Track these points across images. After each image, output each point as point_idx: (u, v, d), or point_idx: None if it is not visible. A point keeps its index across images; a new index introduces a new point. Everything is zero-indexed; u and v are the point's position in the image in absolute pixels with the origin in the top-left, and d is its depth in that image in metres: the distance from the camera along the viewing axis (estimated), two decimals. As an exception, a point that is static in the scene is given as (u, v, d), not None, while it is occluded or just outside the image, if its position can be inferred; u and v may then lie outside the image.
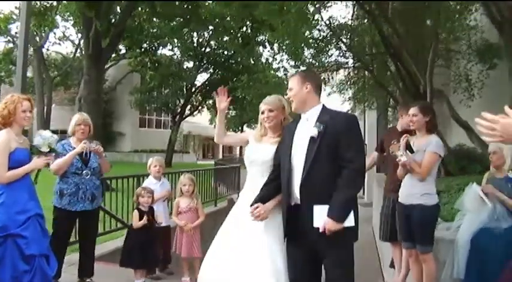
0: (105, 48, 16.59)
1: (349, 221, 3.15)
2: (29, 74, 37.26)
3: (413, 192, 4.48)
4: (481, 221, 4.51)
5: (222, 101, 4.03)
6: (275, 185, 3.52)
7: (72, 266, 5.40)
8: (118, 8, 18.69)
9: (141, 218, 5.30)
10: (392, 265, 5.82)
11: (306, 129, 3.35)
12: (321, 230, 3.12)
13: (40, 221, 4.08)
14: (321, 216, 3.15)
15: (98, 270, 5.43)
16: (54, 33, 32.98)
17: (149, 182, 6.03)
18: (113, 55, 25.01)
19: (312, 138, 3.26)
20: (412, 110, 4.60)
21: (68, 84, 37.04)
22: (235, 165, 15.91)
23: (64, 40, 34.83)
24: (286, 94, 3.92)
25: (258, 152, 3.91)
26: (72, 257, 5.52)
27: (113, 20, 17.35)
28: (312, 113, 3.43)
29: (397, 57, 12.04)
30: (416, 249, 4.53)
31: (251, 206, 3.51)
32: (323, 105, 3.49)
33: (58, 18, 28.55)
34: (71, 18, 26.78)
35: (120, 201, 7.63)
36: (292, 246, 3.44)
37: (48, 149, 4.25)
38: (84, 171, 5.04)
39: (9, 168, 4.00)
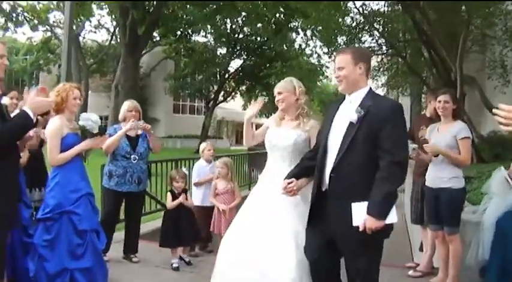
0: (141, 36, 17.08)
1: (392, 218, 2.92)
2: (66, 61, 38.31)
3: (442, 175, 4.66)
4: (506, 205, 4.65)
5: (251, 109, 4.22)
6: (310, 165, 3.37)
7: (117, 243, 5.76)
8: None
9: (174, 200, 5.61)
10: (421, 248, 5.99)
11: (347, 113, 3.13)
12: (360, 229, 2.89)
13: (90, 199, 4.43)
14: (360, 214, 2.92)
15: (141, 248, 5.80)
16: (90, 22, 33.75)
17: (200, 165, 6.40)
18: (147, 42, 25.51)
19: (351, 123, 3.05)
20: (444, 97, 4.75)
21: (103, 71, 37.93)
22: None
23: (100, 28, 35.59)
24: (320, 80, 4.10)
25: (278, 136, 3.99)
26: (117, 235, 5.88)
27: (148, 9, 17.72)
28: (356, 95, 3.18)
29: (429, 44, 12.02)
30: (444, 230, 4.72)
31: (285, 179, 3.41)
32: (370, 88, 3.24)
33: (93, 6, 29.25)
34: (106, 6, 27.40)
35: (160, 184, 7.98)
36: (312, 229, 3.29)
37: (97, 131, 4.60)
38: (132, 156, 5.38)
39: (61, 152, 4.34)
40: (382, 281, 3.11)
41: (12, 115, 3.38)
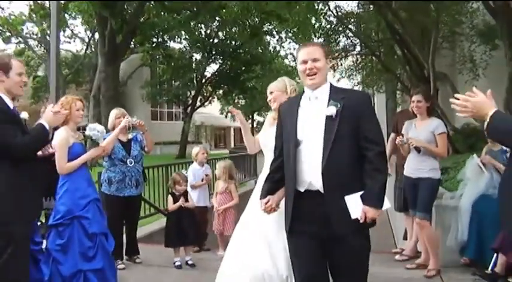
0: (120, 45, 17.25)
1: (386, 204, 3.01)
2: (40, 73, 38.11)
3: (422, 167, 5.10)
4: (480, 189, 5.12)
5: (240, 121, 4.30)
6: (280, 176, 3.23)
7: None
8: (125, 5, 19.16)
9: (175, 202, 5.90)
10: (405, 237, 6.40)
11: (317, 109, 3.04)
12: (361, 221, 2.88)
13: (98, 204, 4.71)
14: (356, 206, 2.91)
15: (141, 250, 6.06)
16: (64, 32, 33.54)
17: (194, 168, 6.72)
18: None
19: (329, 117, 2.96)
20: (417, 97, 5.21)
21: (79, 82, 37.73)
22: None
23: (74, 38, 35.48)
24: (296, 82, 4.27)
25: (269, 136, 3.96)
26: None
27: (125, 18, 17.85)
28: (322, 90, 3.09)
29: (402, 43, 12.55)
30: (416, 216, 5.17)
31: (261, 199, 3.33)
32: (330, 83, 3.18)
33: (66, 16, 29.10)
34: (79, 16, 27.31)
35: (152, 190, 8.24)
36: (299, 234, 3.09)
37: (102, 141, 4.89)
38: (128, 160, 5.65)
39: (68, 161, 4.63)
40: (373, 265, 3.32)
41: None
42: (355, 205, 2.92)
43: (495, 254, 4.76)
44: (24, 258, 3.60)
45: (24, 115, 3.94)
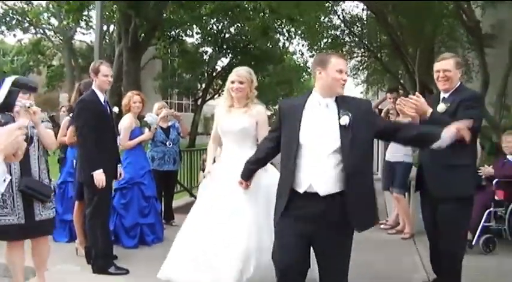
0: (142, 41, 18.51)
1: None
2: (55, 62, 39.28)
3: (397, 153, 6.63)
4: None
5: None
6: (254, 168, 3.67)
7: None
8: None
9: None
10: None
11: (328, 116, 3.13)
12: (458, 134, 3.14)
13: (151, 175, 6.14)
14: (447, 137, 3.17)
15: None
16: (79, 23, 34.48)
17: None
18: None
19: (342, 126, 3.05)
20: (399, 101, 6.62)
21: (94, 71, 38.75)
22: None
23: (90, 30, 36.52)
24: (303, 77, 5.16)
25: (229, 123, 4.22)
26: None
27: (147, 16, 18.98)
28: (332, 99, 3.16)
29: (400, 49, 13.88)
30: (394, 191, 6.71)
31: (243, 178, 3.72)
32: None
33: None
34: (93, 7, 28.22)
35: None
36: (290, 228, 3.15)
37: (155, 126, 6.30)
38: (167, 142, 6.98)
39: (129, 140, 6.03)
40: (361, 233, 3.55)
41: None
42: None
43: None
44: (107, 204, 4.97)
45: (115, 109, 5.29)
